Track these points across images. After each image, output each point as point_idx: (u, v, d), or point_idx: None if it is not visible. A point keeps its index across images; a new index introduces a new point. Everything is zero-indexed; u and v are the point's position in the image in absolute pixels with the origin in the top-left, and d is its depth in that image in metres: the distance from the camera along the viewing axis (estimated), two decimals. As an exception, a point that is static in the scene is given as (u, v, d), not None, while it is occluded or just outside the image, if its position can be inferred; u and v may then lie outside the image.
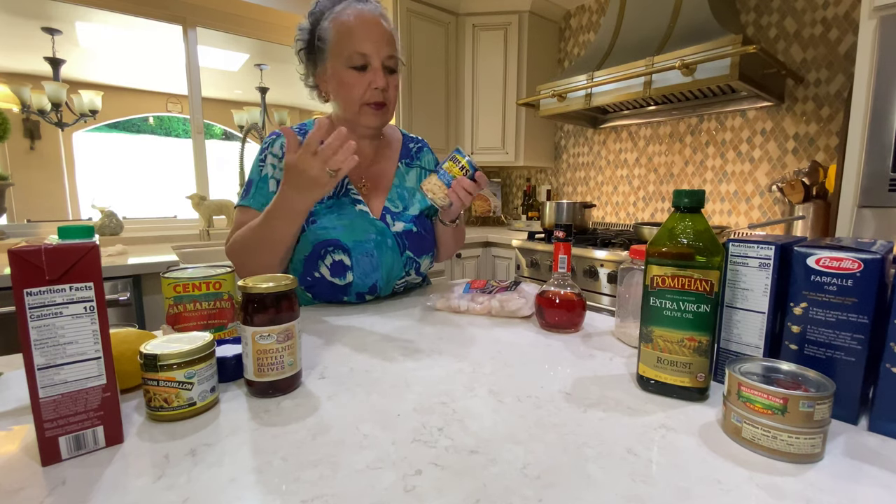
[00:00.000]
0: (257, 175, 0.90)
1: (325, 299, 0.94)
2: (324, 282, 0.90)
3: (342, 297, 0.93)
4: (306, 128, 0.96)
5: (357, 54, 0.85)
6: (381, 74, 0.86)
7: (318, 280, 0.89)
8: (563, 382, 0.55)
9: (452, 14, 2.57)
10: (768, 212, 1.96)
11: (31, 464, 0.38)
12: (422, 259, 0.98)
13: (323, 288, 0.91)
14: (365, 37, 0.84)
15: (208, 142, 2.39)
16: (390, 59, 0.88)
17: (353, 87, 0.87)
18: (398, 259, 0.93)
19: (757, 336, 0.50)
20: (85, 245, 0.38)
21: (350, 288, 0.91)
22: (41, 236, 1.92)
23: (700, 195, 0.49)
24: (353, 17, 0.85)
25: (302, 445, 0.41)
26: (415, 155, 1.05)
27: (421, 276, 1.04)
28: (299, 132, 0.94)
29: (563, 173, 2.85)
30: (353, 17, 0.85)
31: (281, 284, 0.50)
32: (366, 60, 0.85)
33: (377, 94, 0.87)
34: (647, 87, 1.78)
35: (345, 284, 0.90)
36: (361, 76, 0.86)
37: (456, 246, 1.07)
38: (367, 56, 0.85)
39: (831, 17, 1.72)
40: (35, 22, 3.22)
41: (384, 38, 0.86)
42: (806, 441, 0.38)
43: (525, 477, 0.37)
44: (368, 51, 0.85)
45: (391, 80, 0.89)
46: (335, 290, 0.92)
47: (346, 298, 0.93)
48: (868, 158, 1.23)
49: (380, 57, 0.86)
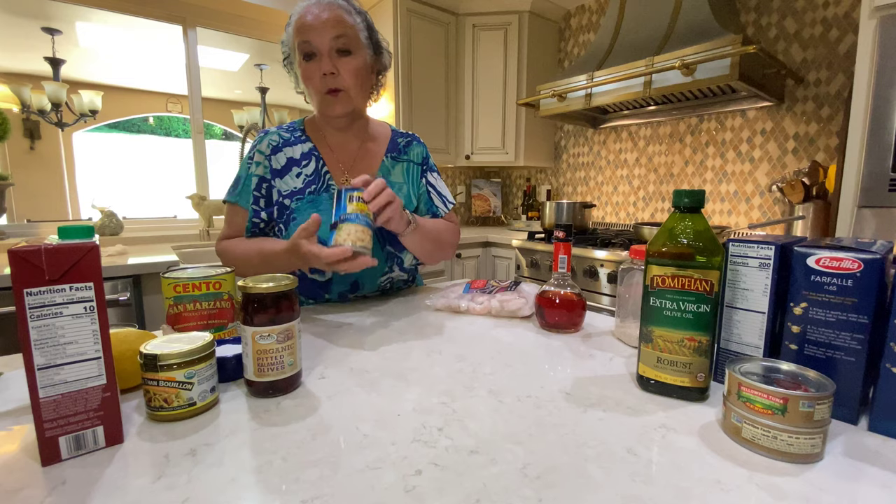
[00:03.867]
0: (245, 172, 0.92)
1: (308, 296, 0.93)
2: (304, 279, 0.90)
3: (323, 296, 0.92)
4: (294, 125, 0.96)
5: (302, 42, 0.85)
6: (326, 60, 0.85)
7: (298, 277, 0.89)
8: (563, 382, 0.55)
9: (452, 14, 2.57)
10: (768, 212, 1.96)
11: (31, 464, 0.38)
12: (403, 254, 0.95)
13: (303, 286, 0.91)
14: (309, 25, 0.84)
15: (208, 142, 2.39)
16: (338, 39, 0.85)
17: (309, 80, 0.87)
18: (378, 254, 0.92)
19: (757, 336, 0.50)
20: (85, 245, 0.38)
21: (331, 286, 0.91)
22: (41, 236, 1.92)
23: (700, 195, 0.49)
24: (304, 11, 0.85)
25: (302, 445, 0.41)
26: (402, 149, 1.02)
27: (407, 272, 1.01)
28: (287, 129, 0.95)
29: (563, 173, 2.85)
30: (305, 11, 0.85)
31: (281, 284, 0.50)
32: (310, 48, 0.85)
33: (328, 80, 0.86)
34: (647, 87, 1.78)
35: (325, 281, 0.90)
36: (313, 66, 0.86)
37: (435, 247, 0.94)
38: (310, 42, 0.84)
39: (831, 17, 1.72)
40: (35, 22, 3.22)
41: (330, 22, 0.84)
42: (806, 441, 0.38)
43: (525, 477, 0.36)
44: (310, 37, 0.84)
45: (343, 62, 0.86)
46: (315, 288, 0.91)
47: (327, 297, 0.92)
48: (868, 158, 1.23)
49: (324, 41, 0.84)
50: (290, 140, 0.93)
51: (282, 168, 0.91)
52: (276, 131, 0.94)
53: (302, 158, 0.92)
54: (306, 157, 0.92)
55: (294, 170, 0.91)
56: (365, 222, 0.69)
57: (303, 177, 0.91)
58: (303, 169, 0.91)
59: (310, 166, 0.92)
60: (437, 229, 0.94)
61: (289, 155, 0.92)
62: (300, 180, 0.91)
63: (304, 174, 0.91)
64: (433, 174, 1.04)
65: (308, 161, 0.92)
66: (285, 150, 0.92)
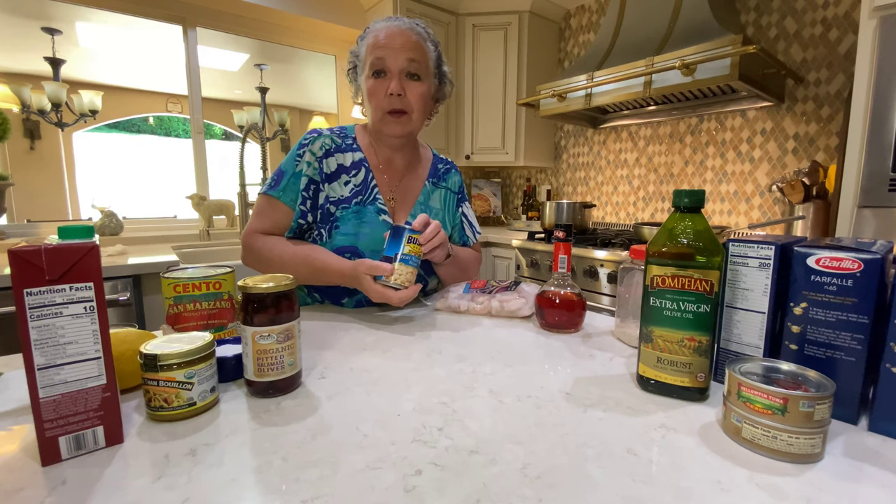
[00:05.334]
0: (292, 168, 0.89)
1: (330, 298, 0.94)
2: (338, 286, 0.90)
3: (343, 300, 0.93)
4: (346, 132, 0.96)
5: (376, 59, 0.86)
6: (397, 80, 0.86)
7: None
8: (563, 382, 0.55)
9: (452, 14, 2.57)
10: (768, 212, 1.96)
11: (31, 464, 0.38)
12: (430, 278, 0.98)
13: (333, 291, 0.92)
14: (385, 44, 0.86)
15: (208, 142, 2.39)
16: (411, 62, 0.87)
17: (373, 95, 0.88)
18: None
19: (757, 336, 0.50)
20: (85, 245, 0.38)
21: (355, 293, 0.91)
22: (41, 236, 1.92)
23: (700, 195, 0.49)
24: (381, 29, 0.87)
25: (302, 445, 0.41)
26: (442, 175, 1.04)
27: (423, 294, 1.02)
28: (338, 135, 0.94)
29: (563, 173, 2.85)
30: (382, 29, 0.87)
31: (281, 284, 0.50)
32: (382, 65, 0.86)
33: (394, 100, 0.87)
34: (647, 87, 1.78)
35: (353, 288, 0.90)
36: (381, 83, 0.87)
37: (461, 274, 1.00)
38: (384, 60, 0.86)
39: (831, 17, 1.72)
40: (35, 22, 3.21)
41: (406, 45, 0.86)
42: (806, 441, 0.38)
43: (525, 477, 0.36)
44: (385, 55, 0.85)
45: (411, 86, 0.88)
46: (340, 293, 0.92)
47: (344, 301, 0.93)
48: (868, 158, 1.23)
49: (397, 62, 0.86)
50: (341, 146, 0.92)
51: (332, 173, 0.90)
52: (329, 135, 0.92)
53: (352, 167, 0.92)
54: (356, 166, 0.92)
55: (343, 177, 0.91)
56: (416, 264, 0.76)
57: (351, 186, 0.91)
58: (352, 178, 0.91)
59: (359, 176, 0.92)
60: (467, 259, 1.02)
61: (339, 161, 0.91)
62: (348, 189, 0.90)
63: (353, 183, 0.91)
64: (466, 204, 1.09)
65: (357, 171, 0.92)
66: (336, 156, 0.91)
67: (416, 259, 0.76)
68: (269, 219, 0.90)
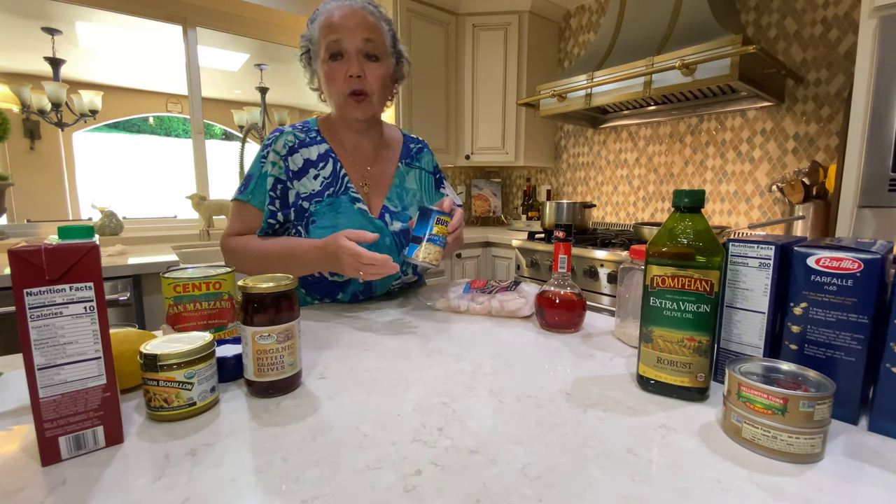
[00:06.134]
0: (258, 171, 0.90)
1: (321, 297, 0.94)
2: (324, 281, 0.90)
3: (337, 295, 0.93)
4: (308, 125, 0.96)
5: (332, 42, 0.85)
6: (355, 62, 0.86)
7: (318, 279, 0.90)
8: (563, 382, 0.55)
9: (452, 14, 2.57)
10: (768, 212, 1.96)
11: (31, 464, 0.38)
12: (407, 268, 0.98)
13: (321, 286, 0.92)
14: (339, 25, 0.85)
15: (208, 142, 2.39)
16: (368, 43, 0.86)
17: (333, 80, 0.87)
18: (396, 259, 0.93)
19: (757, 336, 0.50)
20: (85, 245, 0.38)
21: (347, 286, 0.91)
22: (41, 236, 1.92)
23: (700, 195, 0.49)
24: (333, 10, 0.86)
25: (302, 445, 0.41)
26: (415, 156, 1.04)
27: (417, 276, 1.04)
28: (301, 129, 0.94)
29: (563, 173, 2.85)
30: (334, 10, 0.86)
31: (281, 284, 0.50)
32: (339, 48, 0.85)
33: (353, 82, 0.86)
34: (647, 87, 1.78)
35: (343, 281, 0.90)
36: (339, 66, 0.86)
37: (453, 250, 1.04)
38: (339, 42, 0.85)
39: (831, 17, 1.72)
40: (35, 22, 3.21)
41: (360, 25, 0.85)
42: (806, 441, 0.38)
43: (525, 477, 0.36)
44: (341, 36, 0.84)
45: (370, 67, 0.87)
46: (333, 288, 0.92)
47: (340, 296, 0.93)
48: (868, 158, 1.23)
49: (354, 43, 0.85)
50: (305, 141, 0.92)
51: (299, 170, 0.90)
52: (291, 131, 0.92)
53: (319, 160, 0.92)
54: (323, 158, 0.92)
55: (311, 171, 0.91)
56: (443, 244, 0.80)
57: (320, 179, 0.91)
58: (320, 171, 0.91)
59: (327, 168, 0.92)
60: None
61: (305, 156, 0.91)
62: (318, 182, 0.90)
63: (322, 176, 0.91)
64: (446, 183, 1.10)
65: (325, 163, 0.92)
66: (301, 152, 0.91)
67: (443, 239, 0.79)
68: (242, 223, 0.92)
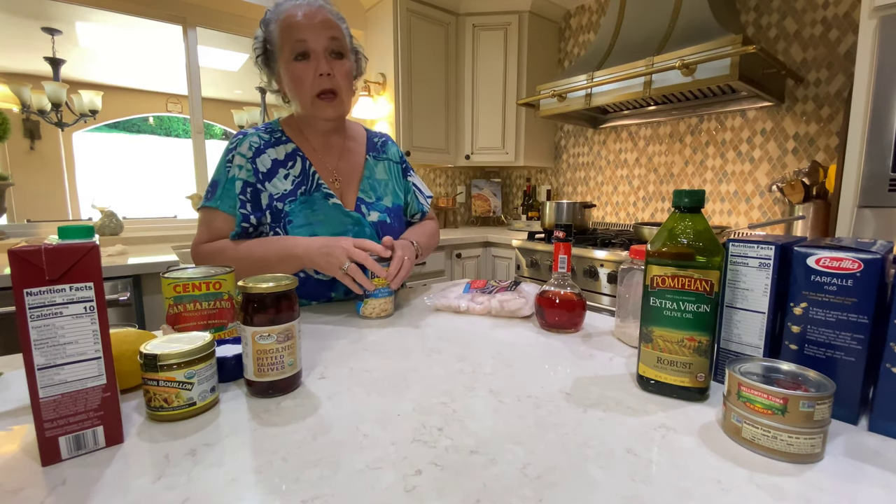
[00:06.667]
0: (224, 176, 0.88)
1: (314, 298, 0.93)
2: (310, 280, 0.90)
3: (329, 294, 0.92)
4: (272, 126, 0.95)
5: (297, 42, 0.85)
6: (323, 60, 0.86)
7: (304, 280, 0.90)
8: (563, 382, 0.55)
9: (452, 14, 2.57)
10: (768, 212, 1.96)
11: (31, 464, 0.38)
12: None
13: (310, 286, 0.91)
14: (304, 25, 0.85)
15: (208, 142, 2.39)
16: (333, 41, 0.86)
17: (301, 80, 0.87)
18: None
19: (757, 336, 0.50)
20: (85, 245, 0.38)
21: (336, 284, 0.91)
22: (41, 236, 1.92)
23: (700, 195, 0.49)
24: (293, 10, 0.86)
25: (302, 445, 0.41)
26: (380, 148, 1.05)
27: None
28: (265, 130, 0.93)
29: (563, 173, 2.85)
30: (294, 10, 0.86)
31: (281, 284, 0.50)
32: (306, 47, 0.85)
33: (324, 80, 0.86)
34: (647, 87, 1.78)
35: (329, 279, 0.90)
36: (306, 66, 0.86)
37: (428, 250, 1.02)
38: (306, 42, 0.85)
39: (831, 17, 1.72)
40: (35, 22, 3.21)
41: (325, 24, 0.85)
42: (806, 441, 0.38)
43: (525, 477, 0.36)
44: (307, 36, 0.84)
45: (337, 65, 0.87)
46: (321, 287, 0.91)
47: (333, 295, 0.92)
48: (868, 158, 1.23)
49: (320, 41, 0.85)
50: (270, 141, 0.91)
51: (268, 171, 0.89)
52: (255, 132, 0.92)
53: (287, 159, 0.91)
54: (291, 157, 0.92)
55: (281, 171, 0.90)
56: (387, 293, 0.81)
57: (291, 178, 0.90)
58: (290, 170, 0.91)
59: (296, 167, 0.91)
60: (428, 234, 1.05)
61: (272, 157, 0.90)
62: (289, 182, 0.90)
63: (293, 175, 0.91)
64: (412, 172, 1.11)
65: (293, 162, 0.92)
66: (268, 152, 0.90)
67: (386, 290, 0.81)
68: (212, 230, 0.89)
